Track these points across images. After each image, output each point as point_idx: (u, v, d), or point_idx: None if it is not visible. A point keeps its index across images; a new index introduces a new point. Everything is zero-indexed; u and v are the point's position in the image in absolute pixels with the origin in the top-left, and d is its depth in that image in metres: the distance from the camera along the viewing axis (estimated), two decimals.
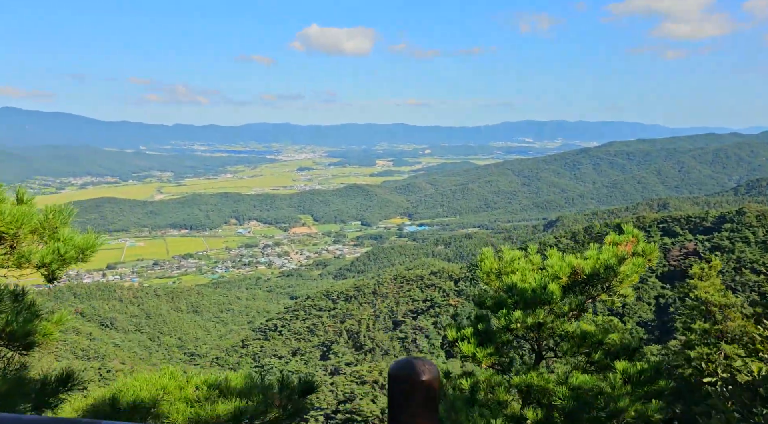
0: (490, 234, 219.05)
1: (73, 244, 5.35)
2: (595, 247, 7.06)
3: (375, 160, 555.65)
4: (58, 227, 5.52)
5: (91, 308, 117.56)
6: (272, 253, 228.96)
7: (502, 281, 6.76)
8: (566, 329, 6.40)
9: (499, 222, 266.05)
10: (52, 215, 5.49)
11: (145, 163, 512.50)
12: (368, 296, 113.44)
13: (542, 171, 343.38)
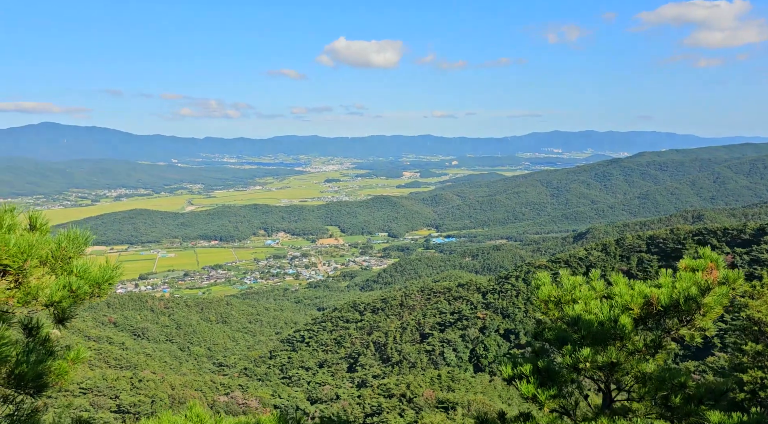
0: (519, 246, 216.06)
1: (88, 277, 4.82)
2: (668, 273, 6.30)
3: (402, 172, 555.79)
4: (72, 256, 5.00)
5: (124, 318, 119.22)
6: (300, 264, 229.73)
7: (563, 311, 6.00)
8: (643, 369, 5.62)
9: (527, 234, 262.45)
10: (65, 243, 5.00)
11: (176, 175, 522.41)
12: (395, 308, 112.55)
13: (571, 182, 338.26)
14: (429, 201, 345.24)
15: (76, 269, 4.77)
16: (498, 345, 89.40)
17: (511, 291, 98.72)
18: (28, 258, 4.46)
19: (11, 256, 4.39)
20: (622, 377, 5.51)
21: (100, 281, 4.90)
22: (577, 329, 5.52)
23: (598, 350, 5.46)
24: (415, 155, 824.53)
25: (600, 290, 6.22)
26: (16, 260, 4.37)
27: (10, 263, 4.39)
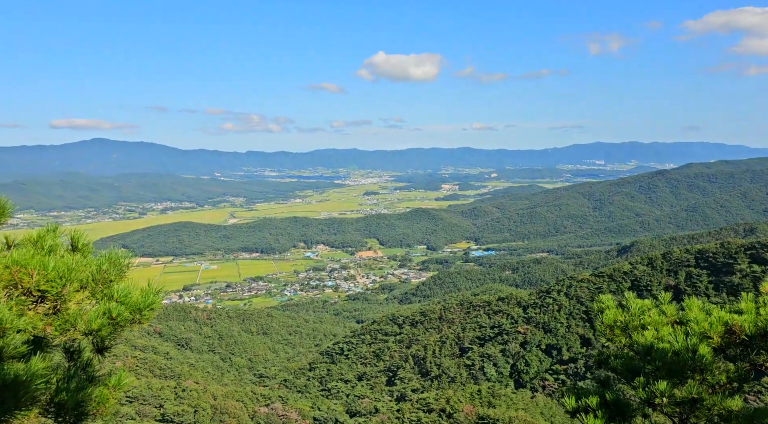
0: (560, 259, 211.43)
1: (129, 302, 4.56)
2: (749, 297, 5.72)
3: (440, 185, 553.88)
4: (113, 279, 4.76)
5: (168, 329, 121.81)
6: (339, 276, 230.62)
7: (631, 338, 5.52)
8: (728, 406, 4.95)
9: (569, 247, 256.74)
10: (106, 265, 4.73)
11: (219, 189, 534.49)
12: (434, 322, 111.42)
13: (615, 194, 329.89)
14: (468, 214, 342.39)
15: (117, 293, 4.56)
16: (540, 361, 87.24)
17: (553, 305, 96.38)
18: (66, 283, 4.26)
19: (50, 281, 4.20)
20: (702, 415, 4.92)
21: (142, 306, 4.65)
22: (651, 359, 5.01)
23: (676, 384, 4.95)
24: (453, 168, 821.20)
25: (671, 314, 5.69)
26: (55, 286, 4.19)
27: (48, 288, 4.22)
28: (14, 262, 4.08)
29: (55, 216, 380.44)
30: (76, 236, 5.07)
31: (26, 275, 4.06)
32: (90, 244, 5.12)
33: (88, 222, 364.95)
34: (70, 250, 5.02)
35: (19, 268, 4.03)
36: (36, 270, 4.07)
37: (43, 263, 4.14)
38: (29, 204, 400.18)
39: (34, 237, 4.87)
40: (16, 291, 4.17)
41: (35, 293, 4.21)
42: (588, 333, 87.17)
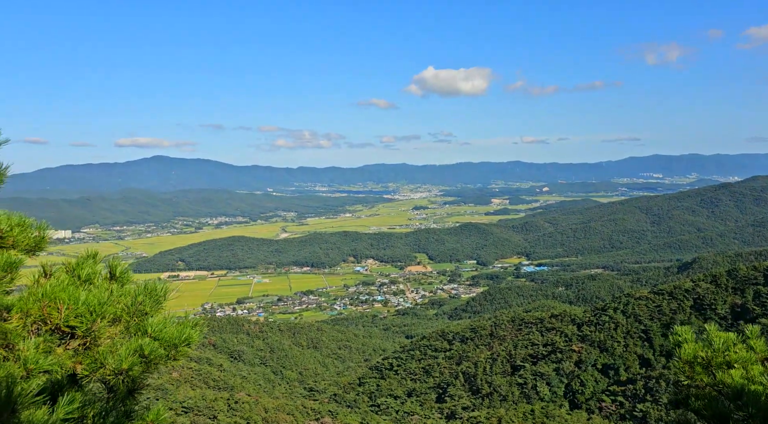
0: (616, 276, 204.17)
1: (164, 337, 4.23)
2: None
3: (490, 199, 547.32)
4: (149, 312, 4.49)
5: (222, 341, 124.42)
6: (388, 291, 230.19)
7: (715, 377, 4.93)
8: None
9: (625, 263, 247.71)
10: (141, 297, 4.47)
11: (272, 204, 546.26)
12: (485, 338, 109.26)
13: (674, 209, 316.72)
14: (519, 228, 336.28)
15: (151, 328, 4.27)
16: (596, 381, 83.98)
17: (609, 324, 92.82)
18: (97, 318, 4.01)
19: (79, 316, 3.95)
20: None
21: (177, 342, 4.31)
22: (742, 404, 4.33)
23: None
24: (504, 182, 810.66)
25: (761, 351, 5.04)
26: (84, 321, 3.95)
27: (77, 324, 3.97)
28: (44, 295, 3.89)
29: (117, 230, 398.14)
30: (114, 264, 4.89)
31: (55, 309, 3.88)
32: (128, 272, 4.91)
33: (148, 236, 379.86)
34: (108, 278, 4.86)
35: (48, 302, 3.86)
36: (65, 304, 3.87)
37: (74, 296, 3.92)
38: (94, 219, 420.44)
39: (72, 265, 4.73)
40: (45, 327, 3.99)
41: (64, 329, 4.01)
42: (647, 353, 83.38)
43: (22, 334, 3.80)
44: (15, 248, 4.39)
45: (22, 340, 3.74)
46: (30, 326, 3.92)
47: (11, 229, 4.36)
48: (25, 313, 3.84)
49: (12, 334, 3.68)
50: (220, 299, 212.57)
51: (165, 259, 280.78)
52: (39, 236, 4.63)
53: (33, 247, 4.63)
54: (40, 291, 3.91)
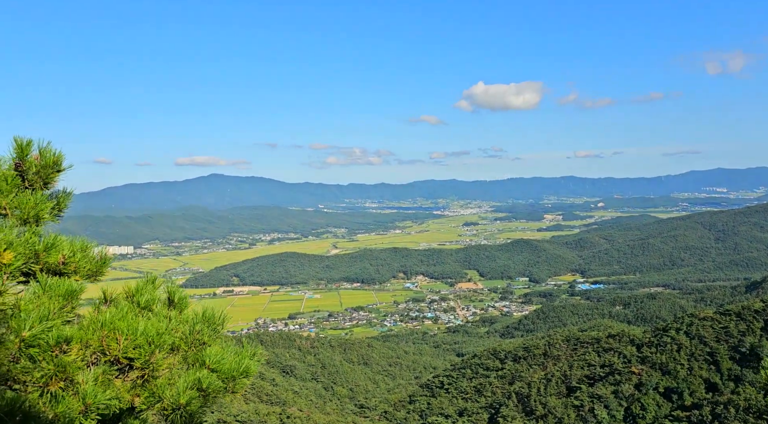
0: (678, 295, 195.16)
1: (223, 369, 4.09)
2: None
3: (542, 215, 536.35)
4: (206, 341, 4.36)
5: (275, 356, 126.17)
6: (438, 308, 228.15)
7: None
8: None
9: (687, 281, 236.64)
10: (200, 326, 4.37)
11: (323, 220, 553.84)
12: (538, 358, 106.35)
13: (741, 224, 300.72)
14: (573, 245, 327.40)
15: (210, 359, 4.10)
16: (657, 405, 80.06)
17: (671, 345, 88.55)
18: (155, 350, 3.88)
19: (138, 347, 3.83)
20: None
21: (236, 374, 4.15)
22: None
23: None
24: (556, 197, 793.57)
25: None
26: (143, 353, 3.82)
27: (136, 355, 3.86)
28: (104, 324, 3.85)
29: (176, 246, 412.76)
30: (173, 290, 4.82)
31: (114, 340, 3.82)
32: (186, 298, 4.84)
33: (205, 252, 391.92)
34: (167, 304, 4.77)
35: (107, 332, 3.82)
36: (123, 335, 3.81)
37: (132, 326, 3.83)
38: (155, 235, 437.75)
39: (132, 290, 4.76)
40: (104, 358, 3.94)
41: (123, 361, 3.94)
42: (714, 377, 78.96)
43: (81, 366, 3.79)
44: (77, 273, 4.47)
45: (80, 372, 3.73)
46: (89, 358, 3.90)
47: (74, 254, 4.45)
48: (85, 344, 3.83)
49: (71, 367, 3.66)
50: (272, 314, 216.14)
51: (220, 274, 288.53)
52: (101, 261, 4.67)
53: (95, 272, 4.65)
54: (100, 320, 3.92)
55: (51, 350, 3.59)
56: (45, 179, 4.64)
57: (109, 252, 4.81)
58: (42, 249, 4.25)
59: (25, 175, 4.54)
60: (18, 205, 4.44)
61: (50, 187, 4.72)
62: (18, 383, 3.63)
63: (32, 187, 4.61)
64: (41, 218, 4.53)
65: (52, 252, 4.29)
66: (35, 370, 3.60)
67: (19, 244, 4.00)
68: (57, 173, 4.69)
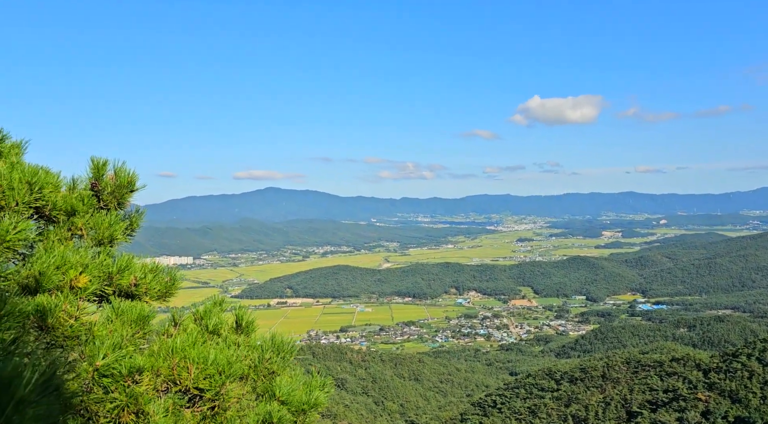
0: (749, 318, 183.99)
1: (293, 402, 3.94)
2: None
3: (600, 231, 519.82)
4: (276, 370, 4.23)
5: (326, 368, 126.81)
6: (491, 325, 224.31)
7: None
8: None
9: (759, 304, 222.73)
10: (269, 353, 4.22)
11: (375, 234, 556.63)
12: (596, 380, 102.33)
13: None
14: (633, 263, 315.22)
15: (280, 390, 3.94)
16: None
17: (742, 372, 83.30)
18: (226, 380, 3.72)
19: (209, 377, 3.70)
20: None
21: (306, 407, 3.99)
22: None
23: None
24: (615, 214, 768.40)
25: None
26: (213, 384, 3.67)
27: (206, 386, 3.72)
28: (174, 351, 3.78)
29: (233, 258, 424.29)
30: (241, 314, 4.73)
31: (185, 369, 3.73)
32: (254, 322, 4.73)
33: (260, 264, 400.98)
34: (235, 328, 4.70)
35: (178, 360, 3.74)
36: (194, 364, 3.72)
37: (203, 355, 3.70)
38: (213, 247, 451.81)
39: (200, 313, 4.71)
40: (174, 388, 3.84)
41: (194, 391, 3.82)
42: None
43: (152, 396, 3.74)
44: (148, 294, 4.50)
45: (151, 403, 3.67)
46: (160, 386, 3.83)
47: (145, 276, 4.48)
48: (156, 372, 3.78)
49: (143, 398, 3.61)
50: (324, 327, 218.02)
51: (275, 286, 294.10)
52: (170, 282, 4.69)
53: (164, 293, 4.65)
54: (170, 346, 3.87)
55: (123, 380, 3.57)
56: (119, 199, 4.75)
57: (177, 273, 4.86)
58: (115, 271, 4.28)
59: (100, 195, 4.66)
60: (93, 226, 4.55)
61: (124, 207, 4.85)
62: (89, 413, 3.57)
63: (107, 207, 4.72)
64: (115, 238, 4.61)
65: (125, 274, 4.32)
66: (107, 401, 3.56)
67: (94, 266, 4.03)
68: (130, 193, 4.81)
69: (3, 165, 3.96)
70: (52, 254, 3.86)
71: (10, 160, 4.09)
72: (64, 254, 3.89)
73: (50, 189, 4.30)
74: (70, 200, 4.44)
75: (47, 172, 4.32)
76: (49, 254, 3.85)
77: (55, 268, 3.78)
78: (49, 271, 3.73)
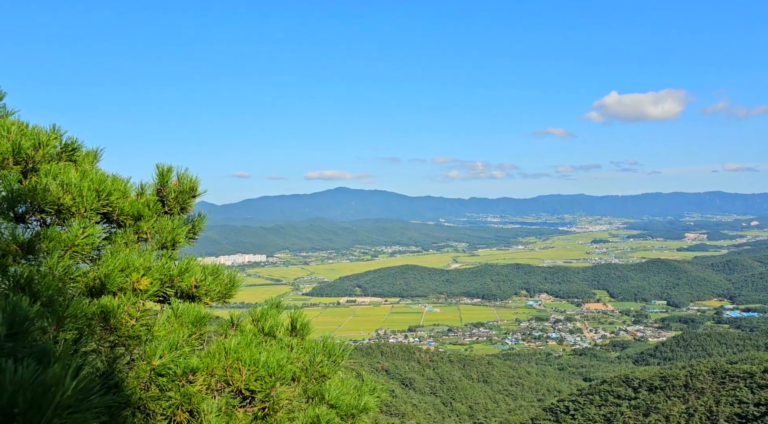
0: None
1: (342, 405, 3.96)
2: None
3: (683, 233, 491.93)
4: (327, 373, 4.28)
5: (394, 367, 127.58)
6: (563, 328, 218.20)
7: None
8: None
9: None
10: (320, 357, 4.28)
11: (443, 234, 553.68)
12: (678, 389, 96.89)
13: None
14: (720, 267, 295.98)
15: (329, 393, 3.99)
16: None
17: None
18: (276, 382, 3.80)
19: (259, 379, 3.78)
20: None
21: (355, 411, 4.02)
22: None
23: None
24: (700, 214, 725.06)
25: None
26: (264, 385, 3.75)
27: (257, 388, 3.80)
28: (229, 352, 3.89)
29: (303, 256, 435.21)
30: (296, 316, 4.81)
31: (237, 371, 3.84)
32: (308, 324, 4.80)
33: (330, 262, 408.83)
34: (290, 330, 4.80)
35: (231, 362, 3.86)
36: (246, 366, 3.82)
37: (254, 357, 3.79)
38: (285, 245, 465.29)
39: (257, 314, 4.83)
40: (228, 388, 3.95)
41: (245, 392, 3.93)
42: None
43: (205, 396, 3.86)
44: (208, 296, 4.65)
45: (204, 402, 3.80)
46: (214, 385, 3.95)
47: (205, 278, 4.62)
48: (210, 372, 3.90)
49: (196, 398, 3.72)
50: (392, 326, 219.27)
51: (344, 284, 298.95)
52: (230, 284, 4.80)
53: (224, 294, 4.77)
54: (225, 347, 3.99)
55: (178, 380, 3.70)
56: (182, 204, 4.95)
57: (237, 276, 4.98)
58: (176, 274, 4.42)
59: (165, 200, 4.89)
60: (158, 230, 4.76)
61: (187, 211, 5.04)
62: (147, 411, 3.73)
63: (170, 212, 4.93)
64: (177, 242, 4.82)
65: (186, 276, 4.46)
66: (163, 399, 3.70)
67: (156, 269, 4.19)
68: (193, 199, 5.00)
69: (75, 173, 4.22)
70: (117, 257, 4.08)
71: (83, 168, 4.36)
72: (128, 257, 4.12)
73: (117, 195, 4.56)
74: (137, 206, 4.69)
75: (116, 179, 4.56)
76: (114, 257, 4.07)
77: (119, 270, 3.99)
78: (113, 273, 3.93)
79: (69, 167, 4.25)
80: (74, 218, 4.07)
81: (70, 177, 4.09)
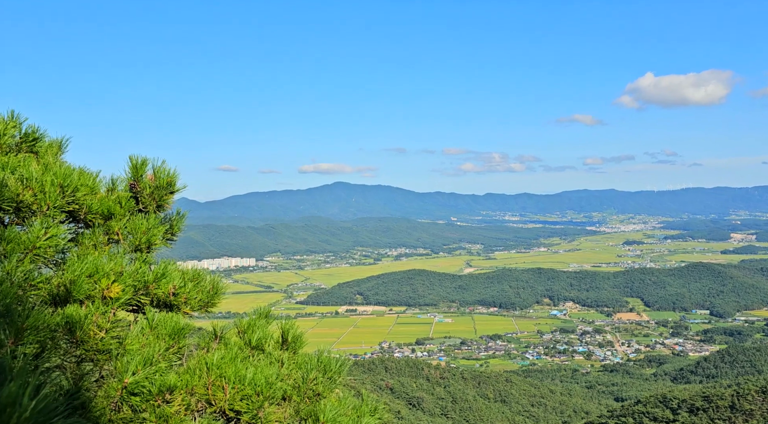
0: None
1: None
2: None
3: (729, 234, 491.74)
4: (322, 392, 4.20)
5: (400, 385, 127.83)
6: (592, 341, 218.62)
7: None
8: None
9: None
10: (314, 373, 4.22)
11: (455, 234, 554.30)
12: (723, 410, 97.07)
13: None
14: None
15: (324, 414, 3.84)
16: None
17: None
18: (264, 402, 3.76)
19: (245, 398, 3.76)
20: None
21: None
22: None
23: None
24: (748, 212, 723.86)
25: None
26: (251, 405, 3.71)
27: (242, 408, 3.76)
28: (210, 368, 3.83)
29: (297, 259, 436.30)
30: (287, 327, 4.74)
31: (220, 389, 3.79)
32: (301, 336, 4.74)
33: (327, 267, 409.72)
34: (280, 343, 4.71)
35: (214, 379, 3.81)
36: (230, 383, 3.77)
37: (239, 373, 3.74)
38: (277, 247, 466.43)
39: (243, 326, 4.78)
40: (210, 408, 3.91)
41: (229, 414, 3.89)
42: None
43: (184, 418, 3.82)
44: (188, 304, 4.61)
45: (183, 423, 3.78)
46: (194, 406, 3.91)
47: (185, 284, 4.59)
48: (190, 390, 3.85)
49: (173, 419, 3.68)
50: (398, 338, 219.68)
51: (343, 291, 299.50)
52: (213, 291, 4.75)
53: (206, 303, 4.72)
54: (207, 362, 3.94)
55: (154, 399, 3.64)
56: (159, 201, 4.93)
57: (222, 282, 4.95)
58: (152, 280, 4.37)
59: (139, 197, 4.85)
60: (131, 231, 4.73)
61: (164, 209, 5.01)
62: None
63: (145, 210, 4.90)
64: (153, 244, 4.78)
65: (162, 283, 4.41)
66: (136, 421, 3.66)
67: (129, 274, 4.14)
68: (171, 195, 4.97)
69: (36, 166, 4.19)
70: (85, 261, 4.04)
71: (45, 161, 4.33)
72: (97, 261, 4.09)
73: (85, 191, 4.53)
74: (107, 203, 4.66)
75: (83, 173, 4.48)
76: (81, 261, 4.03)
77: (86, 276, 3.95)
78: (80, 279, 3.89)
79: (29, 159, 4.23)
80: (36, 217, 4.03)
81: (31, 170, 4.07)
